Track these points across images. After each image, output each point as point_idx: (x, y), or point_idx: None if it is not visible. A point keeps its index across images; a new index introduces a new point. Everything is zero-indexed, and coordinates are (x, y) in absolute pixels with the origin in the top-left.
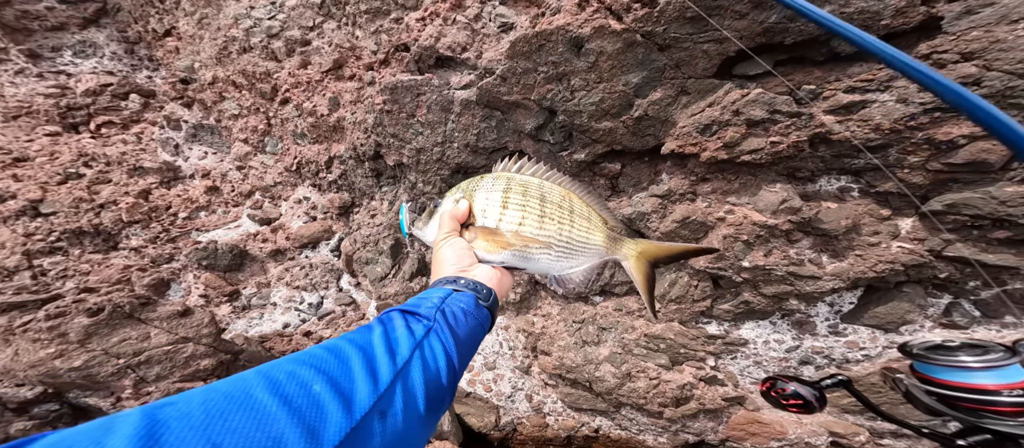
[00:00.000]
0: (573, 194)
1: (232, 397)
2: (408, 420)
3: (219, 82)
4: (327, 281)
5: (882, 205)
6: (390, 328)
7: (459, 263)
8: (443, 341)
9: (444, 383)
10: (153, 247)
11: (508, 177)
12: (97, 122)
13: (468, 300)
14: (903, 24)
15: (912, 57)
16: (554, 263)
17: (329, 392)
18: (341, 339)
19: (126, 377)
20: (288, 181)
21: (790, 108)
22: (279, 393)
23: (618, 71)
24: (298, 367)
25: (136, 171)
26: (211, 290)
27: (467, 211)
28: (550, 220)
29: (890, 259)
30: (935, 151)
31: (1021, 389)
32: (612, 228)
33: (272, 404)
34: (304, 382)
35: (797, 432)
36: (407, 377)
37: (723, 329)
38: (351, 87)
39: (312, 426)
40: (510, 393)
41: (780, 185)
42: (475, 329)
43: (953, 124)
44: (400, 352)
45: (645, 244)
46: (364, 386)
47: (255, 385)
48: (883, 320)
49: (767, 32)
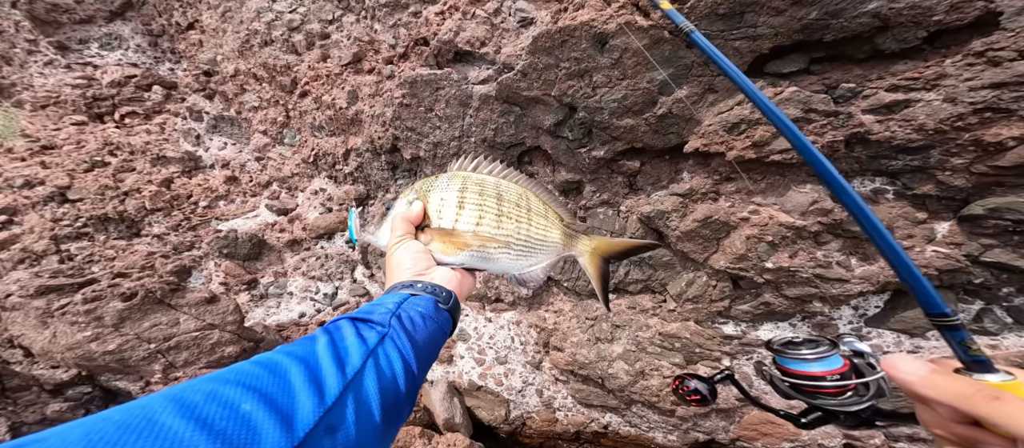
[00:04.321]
0: (530, 192)
1: (128, 426)
2: (362, 433)
3: (240, 75)
4: (342, 272)
5: (918, 208)
6: (338, 337)
7: (415, 267)
8: (400, 347)
9: (402, 390)
10: (175, 235)
11: (464, 176)
12: (121, 112)
13: (426, 304)
14: (957, 20)
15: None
16: (513, 262)
17: (262, 410)
18: (276, 352)
19: (156, 362)
20: (305, 172)
21: (827, 107)
22: (194, 416)
23: (643, 68)
24: (219, 386)
25: (159, 160)
26: (231, 278)
27: (421, 213)
28: (508, 219)
29: (924, 263)
30: (982, 153)
31: (839, 374)
32: (568, 225)
33: (184, 429)
34: (228, 402)
35: (811, 434)
36: (359, 387)
37: (740, 330)
38: (370, 81)
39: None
40: (521, 388)
41: (810, 186)
42: (435, 333)
43: (1003, 125)
44: (350, 361)
45: (598, 240)
46: (307, 400)
47: (160, 409)
48: (910, 325)
49: (806, 29)
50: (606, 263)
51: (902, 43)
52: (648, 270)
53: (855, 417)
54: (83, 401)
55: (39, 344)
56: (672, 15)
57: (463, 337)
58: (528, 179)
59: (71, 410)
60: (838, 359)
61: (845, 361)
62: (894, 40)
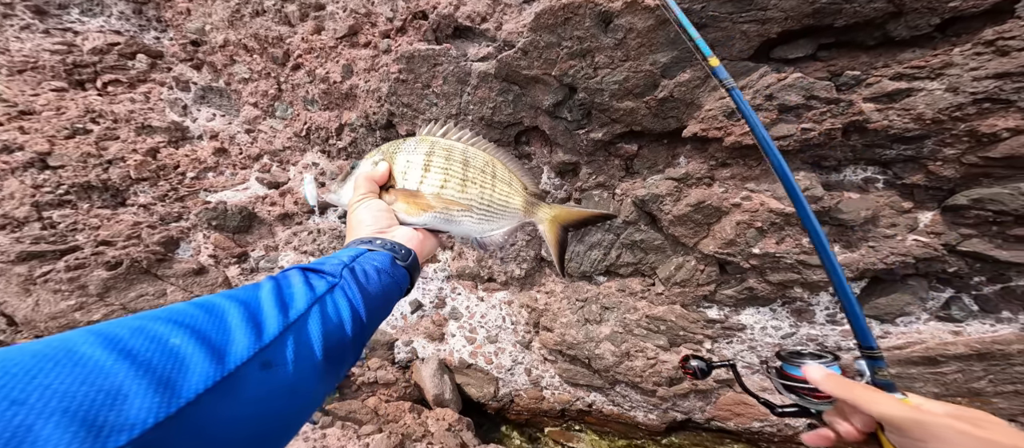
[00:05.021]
0: (496, 160)
1: (44, 356)
2: (301, 369)
3: (230, 45)
4: (334, 246)
5: (905, 197)
6: (284, 284)
7: (376, 224)
8: (350, 297)
9: (348, 334)
10: (162, 205)
11: (432, 141)
12: (104, 80)
13: (383, 258)
14: (973, 6)
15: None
16: (475, 226)
17: (193, 344)
18: (217, 295)
19: None
20: (297, 146)
21: (829, 94)
22: (118, 348)
23: (646, 50)
24: (148, 323)
25: (144, 129)
26: (220, 251)
27: (387, 173)
28: (472, 184)
29: (903, 252)
30: (975, 144)
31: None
32: (531, 193)
33: (106, 358)
34: (156, 336)
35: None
36: (302, 329)
37: (723, 314)
38: (366, 55)
39: (165, 377)
40: (510, 366)
41: (804, 173)
42: (389, 287)
43: (1000, 116)
44: (295, 306)
45: (558, 209)
46: (243, 337)
47: (81, 341)
48: (883, 311)
49: (817, 13)
50: (565, 231)
51: (913, 30)
52: (639, 253)
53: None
54: None
55: (22, 312)
56: (717, 72)
57: (455, 316)
58: (495, 147)
59: None
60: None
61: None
62: (906, 27)
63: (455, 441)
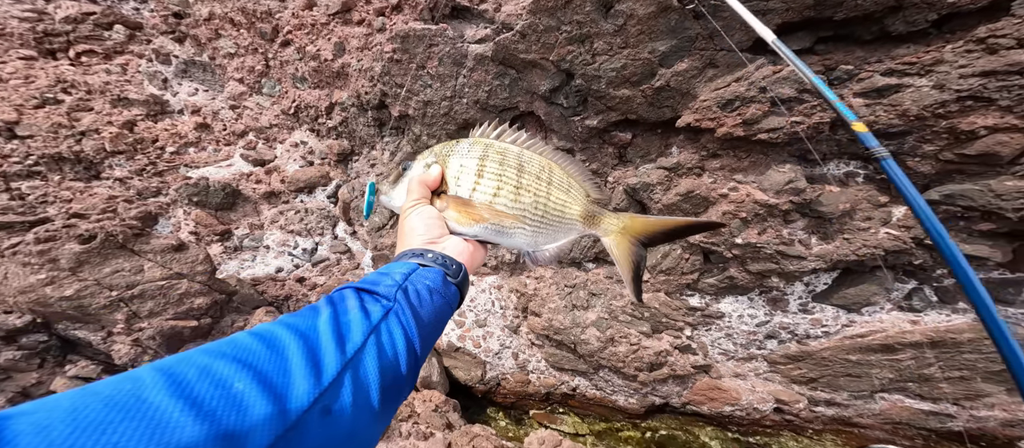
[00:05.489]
0: (554, 164)
1: (114, 404)
2: (358, 415)
3: (216, 19)
4: (322, 227)
5: (882, 192)
6: (341, 310)
7: (428, 233)
8: (404, 324)
9: (403, 371)
10: (139, 179)
11: (486, 144)
12: (77, 50)
13: (435, 276)
14: (971, 3)
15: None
16: (528, 239)
17: (255, 390)
18: (279, 323)
19: (118, 311)
20: (284, 124)
21: None
22: (185, 395)
23: (646, 37)
24: (215, 361)
25: (120, 101)
26: (202, 228)
27: (439, 177)
28: (526, 192)
29: (875, 244)
30: (953, 141)
31: None
32: (594, 201)
33: (173, 408)
34: (222, 380)
35: (749, 399)
36: (358, 367)
37: (704, 302)
38: (359, 33)
39: (227, 430)
40: (498, 350)
41: (789, 166)
42: (441, 308)
43: (980, 114)
44: (351, 338)
45: (629, 218)
46: (303, 381)
47: (149, 385)
48: (850, 301)
49: (818, 5)
50: (640, 246)
51: (910, 25)
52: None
53: None
54: (39, 350)
55: None
56: (864, 139)
57: None
58: (554, 150)
59: (25, 359)
60: None
61: None
62: (904, 22)
63: (441, 422)
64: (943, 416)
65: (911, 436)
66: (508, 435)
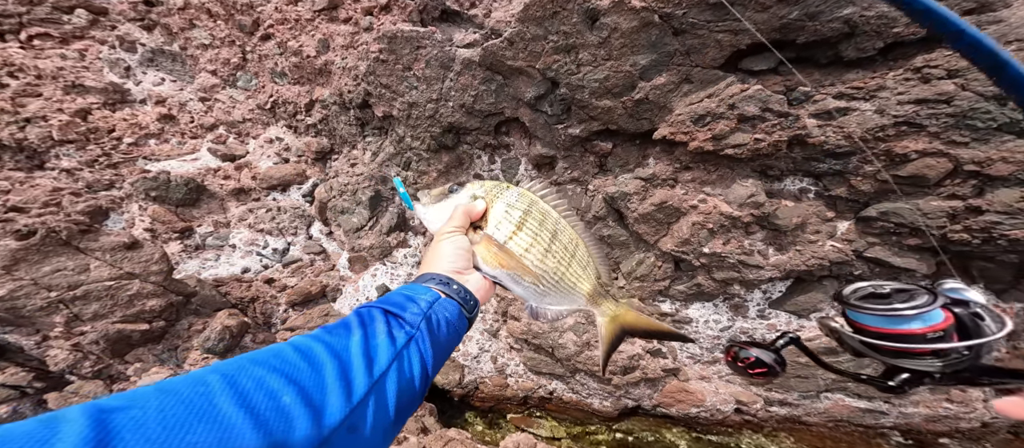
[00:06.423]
0: (582, 241)
1: (193, 406)
2: (376, 431)
3: (191, 8)
4: (296, 227)
5: (829, 207)
6: (371, 333)
7: (454, 263)
8: (422, 352)
9: (417, 389)
10: (90, 171)
11: (532, 199)
12: (29, 33)
13: (453, 310)
14: (912, 34)
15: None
16: (538, 296)
17: (299, 405)
18: (316, 340)
19: (57, 313)
20: (259, 119)
21: (781, 107)
22: (246, 405)
23: (628, 51)
24: (267, 374)
25: (74, 88)
26: (159, 224)
27: (482, 213)
28: (552, 257)
29: (822, 255)
30: (889, 163)
31: (942, 330)
32: (602, 284)
33: (237, 417)
34: (274, 392)
35: (712, 400)
36: (382, 388)
37: (675, 308)
38: (345, 31)
39: (278, 441)
40: (476, 354)
41: (752, 181)
42: (453, 339)
43: (912, 139)
44: (378, 362)
45: (624, 309)
46: (337, 399)
47: (218, 392)
48: (801, 307)
49: (784, 28)
50: (623, 333)
51: (860, 52)
52: (606, 248)
53: (953, 377)
54: None
55: None
56: None
57: None
58: (585, 227)
59: None
60: (939, 313)
61: (946, 314)
62: (855, 48)
63: (416, 426)
64: (877, 413)
65: (850, 432)
66: (484, 439)
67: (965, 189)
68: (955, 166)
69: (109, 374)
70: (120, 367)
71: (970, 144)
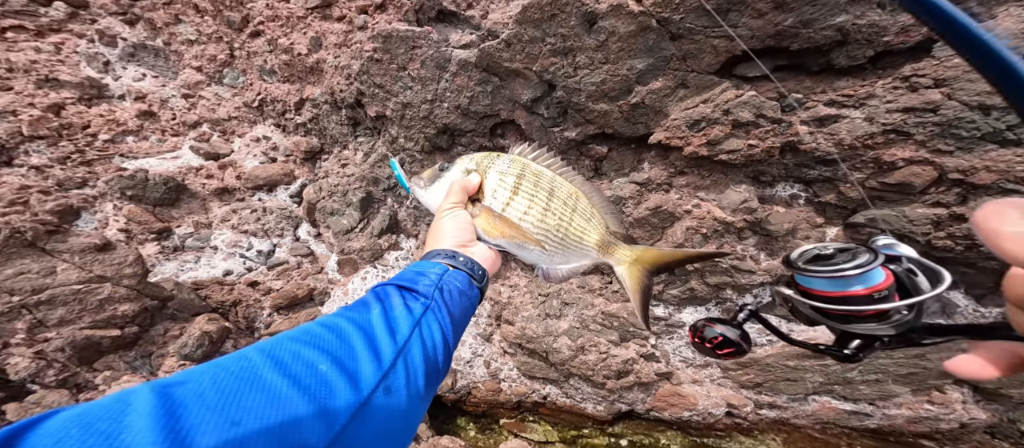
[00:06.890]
0: (581, 193)
1: (241, 377)
2: (410, 396)
3: (177, 3)
4: (282, 228)
5: (819, 214)
6: (388, 306)
7: (459, 237)
8: (440, 321)
9: (440, 362)
10: (61, 168)
11: (524, 163)
12: (2, 25)
13: (463, 280)
14: (902, 42)
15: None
16: (545, 258)
17: (335, 371)
18: (339, 317)
19: (19, 319)
20: (246, 117)
21: (775, 114)
22: (288, 374)
23: (625, 54)
24: (301, 348)
25: (48, 82)
26: (135, 224)
27: (477, 186)
28: (552, 215)
29: None
30: (877, 170)
31: (885, 289)
32: (612, 233)
33: (282, 384)
34: (310, 362)
35: (705, 404)
36: (408, 355)
37: (668, 312)
38: (338, 29)
39: (323, 404)
40: (469, 358)
41: (745, 186)
42: (467, 309)
43: (900, 147)
44: (400, 331)
45: (641, 250)
46: (368, 365)
47: (261, 365)
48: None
49: (778, 35)
50: (648, 275)
51: (851, 60)
52: None
53: (902, 338)
54: None
55: None
56: None
57: None
58: (584, 180)
59: None
60: (880, 272)
61: (887, 273)
62: (846, 56)
63: None
64: (862, 414)
65: (836, 434)
66: (477, 445)
67: (949, 197)
68: (940, 174)
69: (75, 383)
70: (88, 375)
71: (954, 153)
